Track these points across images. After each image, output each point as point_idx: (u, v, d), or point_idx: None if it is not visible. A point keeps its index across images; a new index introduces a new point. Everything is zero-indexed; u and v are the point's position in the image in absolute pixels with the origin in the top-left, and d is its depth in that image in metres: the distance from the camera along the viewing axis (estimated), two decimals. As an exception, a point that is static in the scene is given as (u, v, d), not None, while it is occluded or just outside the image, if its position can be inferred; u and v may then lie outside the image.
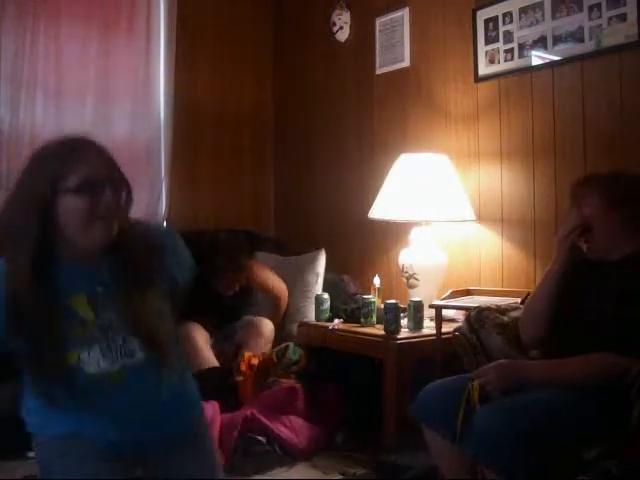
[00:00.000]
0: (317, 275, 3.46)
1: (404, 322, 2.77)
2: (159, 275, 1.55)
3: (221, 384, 2.86)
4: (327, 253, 3.52)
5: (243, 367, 2.90)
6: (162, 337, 1.50)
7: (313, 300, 3.17)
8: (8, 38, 3.41)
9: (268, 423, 2.62)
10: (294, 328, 3.23)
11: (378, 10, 3.55)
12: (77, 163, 1.42)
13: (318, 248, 3.55)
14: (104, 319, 1.48)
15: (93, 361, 1.46)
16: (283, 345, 3.02)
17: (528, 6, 2.80)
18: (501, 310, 2.21)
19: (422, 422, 1.83)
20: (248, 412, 2.64)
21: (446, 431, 1.75)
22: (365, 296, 2.98)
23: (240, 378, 2.89)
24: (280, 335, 3.24)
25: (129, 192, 1.49)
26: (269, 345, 3.11)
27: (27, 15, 3.44)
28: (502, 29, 2.91)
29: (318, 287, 3.41)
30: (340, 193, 3.81)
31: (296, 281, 3.45)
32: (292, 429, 2.68)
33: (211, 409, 2.59)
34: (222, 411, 2.66)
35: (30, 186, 1.43)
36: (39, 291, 1.40)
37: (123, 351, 1.49)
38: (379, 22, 3.55)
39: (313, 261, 3.50)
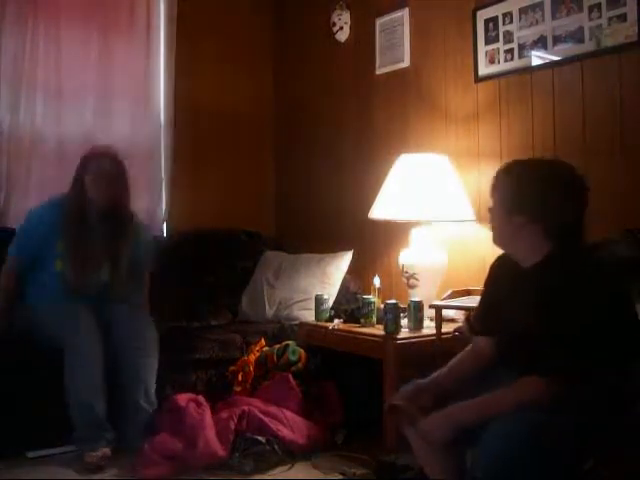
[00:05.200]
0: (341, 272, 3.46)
1: (404, 322, 2.76)
2: None
3: None
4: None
5: (240, 377, 2.93)
6: None
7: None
8: (8, 39, 3.41)
9: (263, 417, 2.63)
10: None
11: (378, 10, 3.55)
12: None
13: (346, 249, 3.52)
14: None
15: None
16: (283, 344, 3.01)
17: (528, 6, 2.80)
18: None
19: (401, 425, 1.83)
20: (245, 407, 2.66)
21: None
22: (365, 296, 2.98)
23: (238, 389, 2.91)
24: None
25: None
26: None
27: (27, 16, 3.44)
28: (502, 29, 2.91)
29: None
30: (340, 193, 3.81)
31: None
32: (290, 427, 2.67)
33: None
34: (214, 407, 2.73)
35: None
36: None
37: None
38: (379, 22, 3.55)
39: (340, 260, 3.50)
